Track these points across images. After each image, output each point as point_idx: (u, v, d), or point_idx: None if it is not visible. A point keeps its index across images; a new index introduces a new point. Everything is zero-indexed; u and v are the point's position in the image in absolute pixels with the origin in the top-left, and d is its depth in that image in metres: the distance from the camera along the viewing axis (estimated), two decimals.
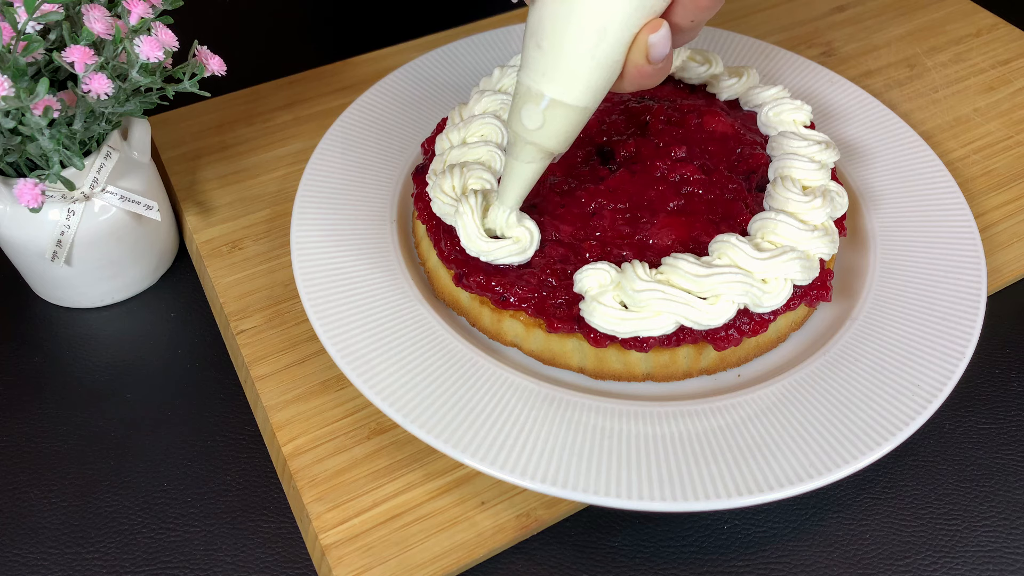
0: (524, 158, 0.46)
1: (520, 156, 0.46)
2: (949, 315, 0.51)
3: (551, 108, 0.43)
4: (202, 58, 0.51)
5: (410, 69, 0.69)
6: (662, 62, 0.42)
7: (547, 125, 0.44)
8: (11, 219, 0.53)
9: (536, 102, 0.43)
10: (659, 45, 0.41)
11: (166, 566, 0.47)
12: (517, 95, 0.44)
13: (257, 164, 0.66)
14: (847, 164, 0.62)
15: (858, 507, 0.49)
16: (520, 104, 0.44)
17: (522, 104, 0.44)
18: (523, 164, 0.46)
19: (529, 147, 0.45)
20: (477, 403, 0.47)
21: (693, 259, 0.47)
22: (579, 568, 0.46)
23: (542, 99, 0.43)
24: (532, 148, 0.45)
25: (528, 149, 0.45)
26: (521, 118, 0.44)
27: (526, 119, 0.44)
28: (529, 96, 0.43)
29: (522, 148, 0.46)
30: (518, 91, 0.44)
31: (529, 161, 0.46)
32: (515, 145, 0.46)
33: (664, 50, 0.42)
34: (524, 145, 0.45)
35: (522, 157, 0.46)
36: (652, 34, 0.41)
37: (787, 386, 0.49)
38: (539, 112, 0.43)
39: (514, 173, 0.47)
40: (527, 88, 0.43)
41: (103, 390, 0.55)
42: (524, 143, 0.45)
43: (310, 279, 0.53)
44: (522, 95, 0.44)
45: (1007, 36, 0.79)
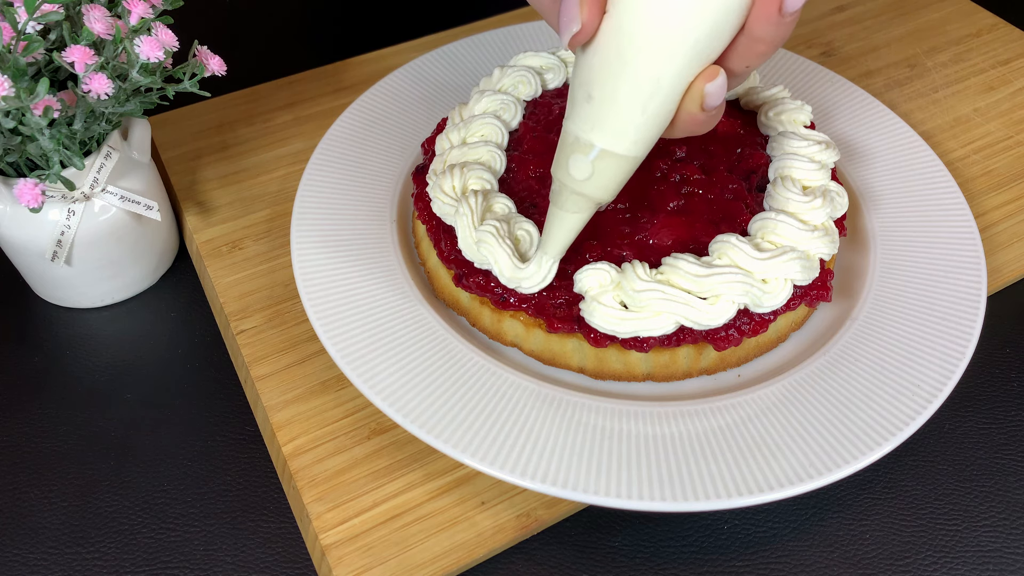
0: (571, 208, 0.44)
1: (566, 206, 0.44)
2: (949, 315, 0.51)
3: (600, 159, 0.41)
4: (202, 58, 0.51)
5: (410, 69, 0.69)
6: (715, 110, 0.40)
7: (596, 176, 0.42)
8: (11, 219, 0.53)
9: (585, 152, 0.41)
10: (715, 94, 0.39)
11: (166, 566, 0.47)
12: (564, 144, 0.43)
13: (257, 164, 0.66)
14: (847, 164, 0.62)
15: (858, 507, 0.49)
16: (567, 154, 0.42)
17: (570, 154, 0.42)
18: (569, 214, 0.45)
19: (576, 197, 0.43)
20: (477, 403, 0.48)
21: (693, 259, 0.47)
22: (579, 568, 0.46)
23: (591, 149, 0.41)
24: (579, 199, 0.44)
25: (575, 199, 0.44)
26: (568, 168, 0.42)
27: (574, 169, 0.42)
28: (577, 146, 0.42)
29: (568, 198, 0.44)
30: (564, 140, 0.43)
31: (576, 211, 0.44)
32: (560, 194, 0.44)
33: (719, 98, 0.40)
34: (571, 195, 0.43)
35: (568, 207, 0.44)
36: (708, 83, 0.39)
37: (787, 386, 0.49)
38: (588, 163, 0.42)
39: (559, 223, 0.45)
40: (575, 138, 0.42)
41: (103, 390, 0.55)
42: (571, 193, 0.43)
43: (310, 279, 0.53)
44: (569, 144, 0.42)
45: (1007, 36, 0.79)
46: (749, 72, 0.41)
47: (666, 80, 0.39)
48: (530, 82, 0.59)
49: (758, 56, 0.39)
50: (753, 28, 0.38)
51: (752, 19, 0.38)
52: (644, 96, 0.39)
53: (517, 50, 0.72)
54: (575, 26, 0.38)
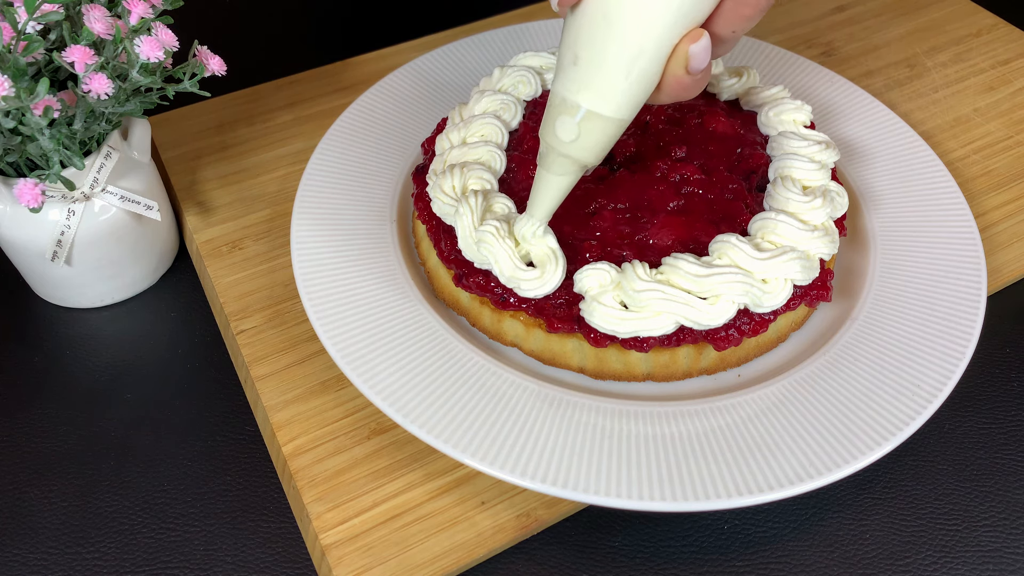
0: (557, 170, 0.45)
1: (552, 168, 0.45)
2: (949, 315, 0.51)
3: (587, 120, 0.42)
4: (202, 58, 0.51)
5: (410, 69, 0.69)
6: (701, 73, 0.41)
7: (582, 137, 0.43)
8: (11, 219, 0.53)
9: (571, 114, 0.42)
10: (699, 56, 0.40)
11: (166, 566, 0.47)
12: (551, 106, 0.43)
13: (257, 164, 0.66)
14: (847, 164, 0.62)
15: (858, 507, 0.49)
16: (554, 115, 0.43)
17: (556, 115, 0.43)
18: (555, 176, 0.45)
19: (562, 159, 0.44)
20: (477, 403, 0.48)
21: (693, 259, 0.47)
22: (579, 568, 0.46)
23: (578, 111, 0.42)
24: (565, 160, 0.44)
25: (561, 161, 0.44)
26: (555, 129, 0.43)
27: (560, 131, 0.43)
28: (564, 107, 0.42)
29: (555, 160, 0.44)
30: (552, 102, 0.43)
31: (562, 174, 0.45)
32: (547, 156, 0.44)
33: (704, 61, 0.40)
34: (557, 157, 0.44)
35: (554, 169, 0.45)
36: (692, 44, 0.40)
37: (787, 386, 0.49)
38: (574, 124, 0.42)
39: (545, 185, 0.46)
40: (562, 99, 0.42)
41: (103, 390, 0.55)
42: (557, 155, 0.44)
43: (310, 279, 0.53)
44: (556, 106, 0.43)
45: (1007, 36, 0.79)
46: (736, 38, 0.42)
47: (651, 42, 0.40)
48: (530, 82, 0.59)
49: (743, 20, 0.40)
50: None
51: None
52: (629, 57, 0.40)
53: (517, 50, 0.72)
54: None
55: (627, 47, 0.40)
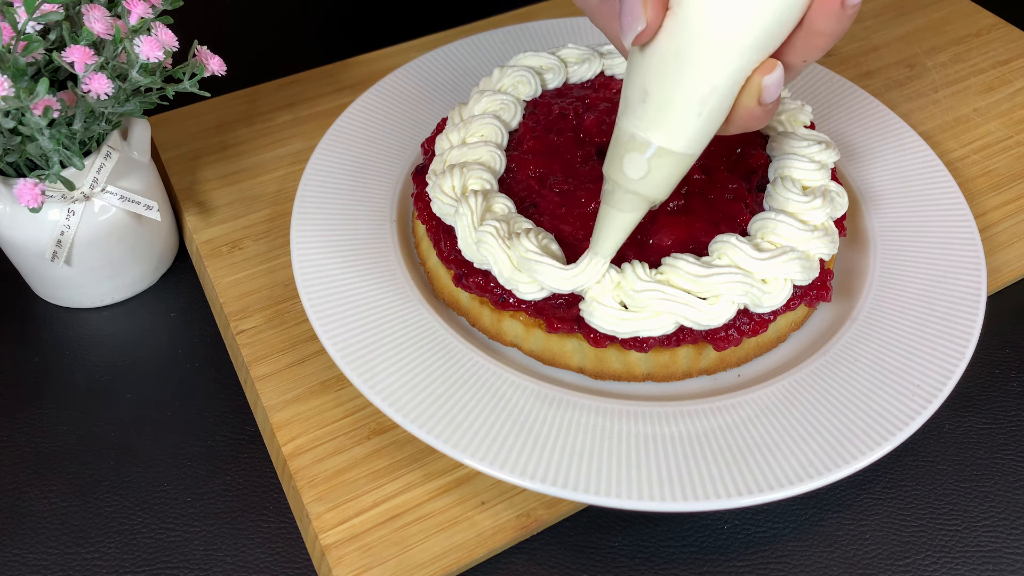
0: (625, 208, 0.44)
1: (619, 205, 0.44)
2: (949, 315, 0.51)
3: (657, 157, 0.41)
4: (202, 58, 0.51)
5: (410, 69, 0.69)
6: (772, 104, 0.40)
7: (652, 174, 0.42)
8: (11, 219, 0.53)
9: (641, 151, 0.41)
10: (772, 88, 0.39)
11: (166, 566, 0.47)
12: (618, 142, 0.42)
13: (257, 164, 0.66)
14: (847, 164, 0.62)
15: (858, 507, 0.49)
16: (622, 152, 0.42)
17: (624, 152, 0.42)
18: (623, 214, 0.44)
19: (630, 196, 0.43)
20: (477, 403, 0.48)
21: (693, 259, 0.47)
22: (579, 568, 0.46)
23: (648, 148, 0.41)
24: (634, 198, 0.43)
25: (629, 198, 0.43)
26: (623, 167, 0.42)
27: (628, 168, 0.42)
28: (633, 144, 0.41)
29: (622, 197, 0.43)
30: (619, 138, 0.42)
31: (629, 211, 0.44)
32: (613, 194, 0.44)
33: (776, 92, 0.39)
34: (624, 194, 0.43)
35: (621, 206, 0.44)
36: (766, 76, 0.39)
37: (787, 386, 0.49)
38: (644, 161, 0.41)
39: (611, 222, 0.45)
40: (631, 136, 0.41)
41: (103, 390, 0.55)
42: (625, 192, 0.43)
43: (310, 279, 0.53)
44: (624, 143, 0.42)
45: (1007, 36, 0.79)
46: (805, 66, 0.41)
47: (724, 79, 0.39)
48: (530, 82, 0.59)
49: (816, 50, 0.39)
50: (814, 21, 0.38)
51: (813, 12, 0.38)
52: (702, 95, 0.39)
53: (517, 50, 0.72)
54: (640, 25, 0.38)
55: (700, 85, 0.39)
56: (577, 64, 0.62)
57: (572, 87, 0.61)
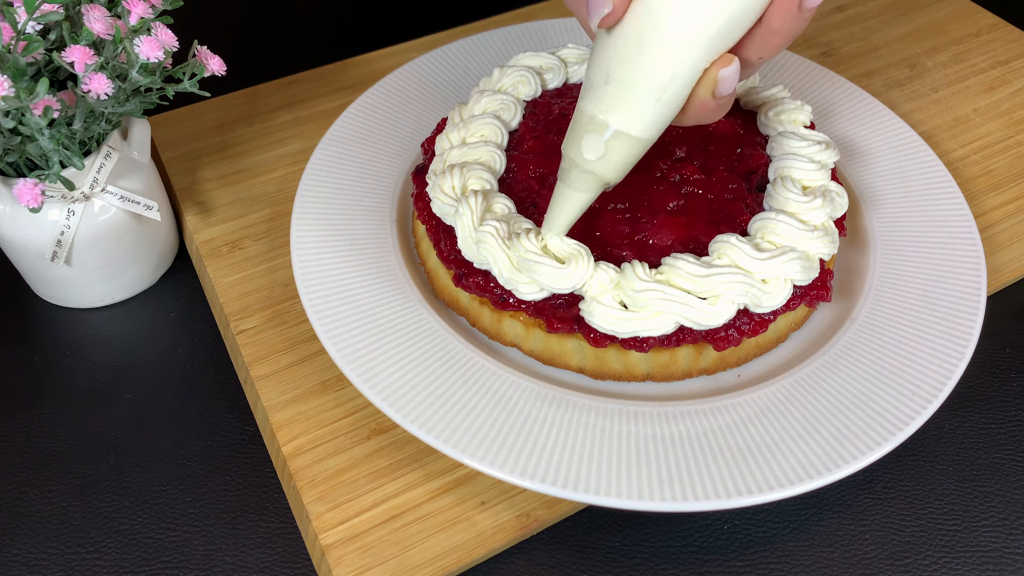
0: (578, 187, 0.45)
1: (574, 184, 0.45)
2: (949, 315, 0.51)
3: (614, 139, 0.42)
4: (202, 58, 0.51)
5: (410, 69, 0.69)
6: (726, 98, 0.41)
7: (608, 156, 0.43)
8: (11, 219, 0.53)
9: (599, 132, 0.42)
10: (728, 80, 0.40)
11: (166, 566, 0.47)
12: (577, 123, 0.43)
13: (257, 164, 0.66)
14: (847, 164, 0.62)
15: (858, 507, 0.49)
16: (580, 132, 0.43)
17: (583, 133, 0.43)
18: (576, 192, 0.45)
19: (585, 176, 0.44)
20: (477, 403, 0.48)
21: (693, 259, 0.47)
22: (579, 568, 0.46)
23: (606, 130, 0.42)
24: (589, 177, 0.44)
25: (584, 178, 0.44)
26: (581, 147, 0.43)
27: (586, 149, 0.43)
28: (592, 125, 0.42)
29: (577, 176, 0.44)
30: (579, 119, 0.43)
31: (583, 191, 0.45)
32: (569, 172, 0.45)
33: (731, 86, 0.40)
34: (580, 174, 0.44)
35: (576, 186, 0.45)
36: (722, 69, 0.40)
37: (787, 386, 0.49)
38: (601, 143, 0.42)
39: (565, 201, 0.46)
40: (590, 117, 0.42)
41: (103, 390, 0.55)
42: (580, 171, 0.44)
43: (310, 279, 0.53)
44: (584, 124, 0.43)
45: (1007, 36, 0.79)
46: (761, 64, 0.42)
47: (684, 67, 0.40)
48: (530, 82, 0.59)
49: (773, 48, 0.41)
50: (771, 20, 0.39)
51: (771, 11, 0.39)
52: (662, 81, 0.40)
53: (517, 50, 0.72)
54: (606, 8, 0.39)
55: (661, 71, 0.40)
56: (577, 64, 0.62)
57: (572, 87, 0.61)
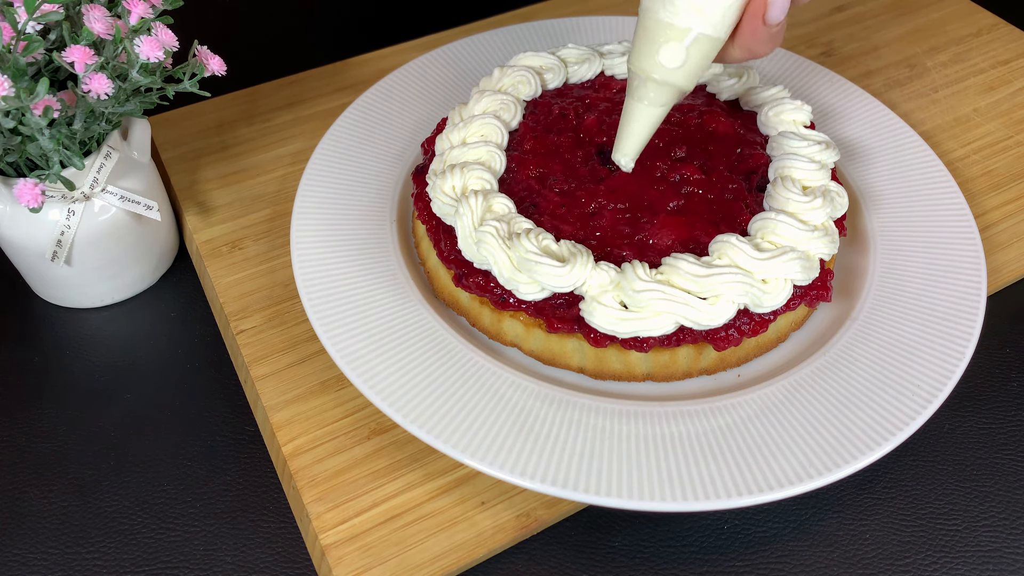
0: (657, 100, 0.44)
1: (650, 99, 0.44)
2: (949, 315, 0.51)
3: (696, 43, 0.42)
4: (202, 58, 0.51)
5: (410, 69, 0.69)
6: (776, 26, 0.41)
7: (689, 61, 0.42)
8: (11, 219, 0.53)
9: (680, 39, 0.42)
10: (779, 5, 0.41)
11: (166, 566, 0.47)
12: (651, 33, 0.43)
13: (257, 164, 0.66)
14: (847, 164, 0.62)
15: (858, 507, 0.49)
16: (659, 43, 0.42)
17: (663, 43, 0.42)
18: (652, 108, 0.44)
19: (664, 88, 0.44)
20: (477, 403, 0.48)
21: (693, 259, 0.47)
22: (579, 568, 0.46)
23: (687, 34, 0.42)
24: (667, 89, 0.44)
25: (662, 90, 0.44)
26: (659, 57, 0.42)
27: (665, 58, 0.42)
28: (672, 33, 0.42)
29: (655, 89, 0.44)
30: (652, 29, 0.42)
31: (661, 104, 0.44)
32: (645, 87, 0.44)
33: (782, 13, 0.41)
34: (659, 87, 0.43)
35: (653, 99, 0.44)
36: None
37: (787, 386, 0.49)
38: (683, 48, 0.42)
39: (640, 117, 0.45)
40: (668, 25, 0.42)
41: (103, 390, 0.55)
42: (658, 84, 0.43)
43: (310, 279, 0.53)
44: (661, 32, 0.42)
45: (1007, 36, 0.79)
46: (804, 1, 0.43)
47: None
48: (530, 82, 0.59)
49: None
50: None
51: None
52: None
53: (517, 50, 0.72)
54: None
55: None
56: (577, 64, 0.62)
57: (572, 87, 0.61)
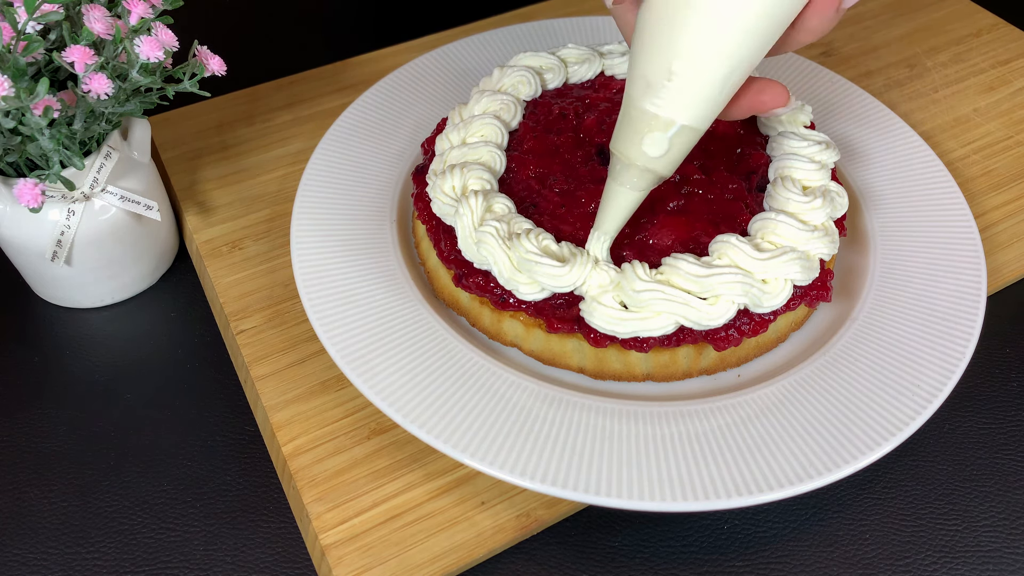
0: (636, 185, 0.45)
1: (631, 183, 0.45)
2: (949, 315, 0.51)
3: (679, 135, 0.42)
4: (202, 58, 0.51)
5: (410, 69, 0.69)
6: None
7: (671, 151, 0.43)
8: (11, 219, 0.53)
9: (664, 130, 0.42)
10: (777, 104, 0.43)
11: (166, 566, 0.47)
12: (635, 122, 0.43)
13: (257, 164, 0.66)
14: (847, 164, 0.62)
15: (858, 507, 0.49)
16: (643, 132, 0.43)
17: (646, 132, 0.43)
18: (632, 192, 0.45)
19: (645, 174, 0.44)
20: (477, 403, 0.47)
21: (693, 259, 0.47)
22: (579, 568, 0.46)
23: (671, 127, 0.42)
24: (648, 175, 0.44)
25: (643, 176, 0.44)
26: (643, 146, 0.43)
27: (649, 147, 0.43)
28: (656, 124, 0.42)
29: (637, 175, 0.44)
30: (638, 118, 0.43)
31: (640, 188, 0.45)
32: (627, 172, 0.44)
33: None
34: (640, 172, 0.44)
35: (635, 184, 0.45)
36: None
37: (787, 386, 0.49)
38: (666, 139, 0.43)
39: (619, 200, 0.46)
40: (653, 116, 0.42)
41: (103, 390, 0.55)
42: (640, 170, 0.44)
43: (310, 279, 0.53)
44: (646, 122, 0.43)
45: (1007, 36, 0.79)
46: None
47: (749, 57, 0.41)
48: (530, 82, 0.59)
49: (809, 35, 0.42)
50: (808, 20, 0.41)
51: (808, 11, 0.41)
52: (726, 71, 0.41)
53: (517, 50, 0.72)
54: None
55: (726, 63, 0.40)
56: (577, 64, 0.62)
57: (572, 87, 0.61)
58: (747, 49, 0.40)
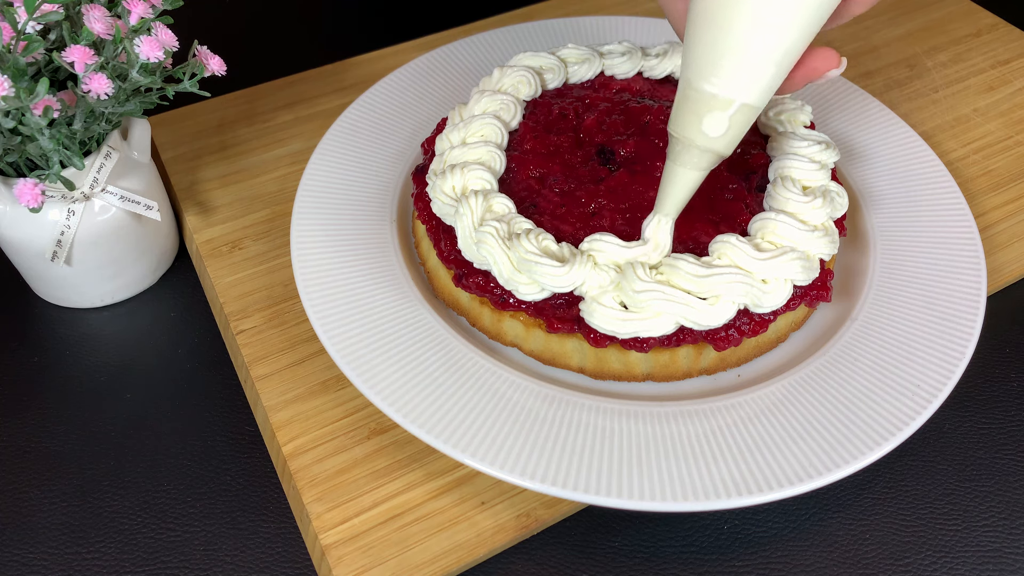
0: (697, 165, 0.45)
1: (691, 163, 0.45)
2: (949, 315, 0.51)
3: (739, 113, 0.43)
4: (202, 58, 0.51)
5: (410, 69, 0.69)
6: None
7: (731, 130, 0.44)
8: (11, 219, 0.53)
9: (724, 109, 0.43)
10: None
11: (166, 566, 0.47)
12: (694, 103, 0.44)
13: (257, 164, 0.66)
14: (847, 164, 0.62)
15: (858, 507, 0.49)
16: (702, 111, 0.43)
17: (705, 111, 0.43)
18: (693, 172, 0.45)
19: (705, 154, 0.45)
20: (477, 403, 0.48)
21: (693, 259, 0.47)
22: (579, 568, 0.46)
23: (731, 105, 0.43)
24: (708, 155, 0.45)
25: (703, 156, 0.45)
26: (702, 126, 0.44)
27: (709, 127, 0.43)
28: (715, 103, 0.43)
29: (698, 155, 0.45)
30: (696, 99, 0.43)
31: (700, 168, 0.45)
32: (687, 152, 0.45)
33: None
34: (701, 153, 0.45)
35: (694, 164, 0.45)
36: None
37: (787, 386, 0.49)
38: (726, 118, 0.43)
39: (681, 181, 0.46)
40: (711, 95, 0.43)
41: (103, 390, 0.55)
42: (701, 150, 0.44)
43: (310, 279, 0.53)
44: (704, 102, 0.43)
45: (1007, 36, 0.79)
46: None
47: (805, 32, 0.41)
48: (530, 82, 0.59)
49: None
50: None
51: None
52: (784, 48, 0.42)
53: (517, 50, 0.72)
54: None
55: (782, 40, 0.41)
56: (577, 64, 0.62)
57: (572, 87, 0.61)
58: (803, 24, 0.41)
